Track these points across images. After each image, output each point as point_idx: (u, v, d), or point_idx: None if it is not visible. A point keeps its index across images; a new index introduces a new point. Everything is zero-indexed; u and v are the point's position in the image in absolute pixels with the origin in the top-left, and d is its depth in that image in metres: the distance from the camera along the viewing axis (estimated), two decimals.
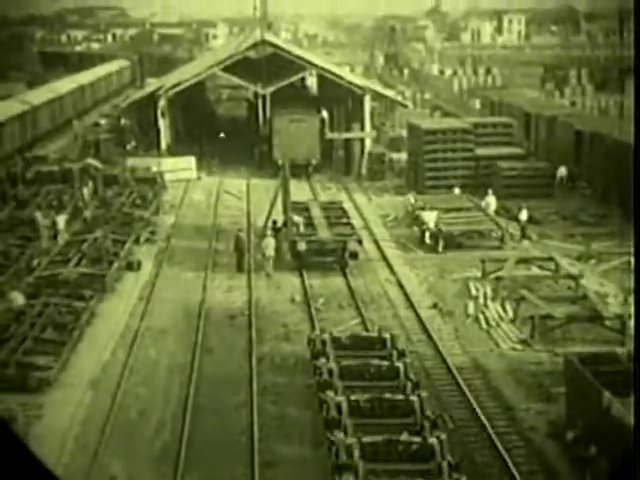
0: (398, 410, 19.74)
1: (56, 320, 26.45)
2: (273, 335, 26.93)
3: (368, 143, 53.42)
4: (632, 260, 29.81)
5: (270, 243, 33.66)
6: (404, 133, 55.38)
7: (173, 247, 37.31)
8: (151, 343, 26.51)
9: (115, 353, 25.71)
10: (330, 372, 21.44)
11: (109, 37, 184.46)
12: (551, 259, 31.77)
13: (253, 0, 73.70)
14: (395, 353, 22.37)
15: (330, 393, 20.19)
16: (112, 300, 30.15)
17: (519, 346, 25.56)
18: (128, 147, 58.15)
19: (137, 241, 36.54)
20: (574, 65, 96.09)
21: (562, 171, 45.04)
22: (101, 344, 26.30)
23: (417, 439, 18.32)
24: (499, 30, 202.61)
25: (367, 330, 26.63)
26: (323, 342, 23.28)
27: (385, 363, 21.84)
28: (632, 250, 26.65)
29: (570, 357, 20.31)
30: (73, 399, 22.90)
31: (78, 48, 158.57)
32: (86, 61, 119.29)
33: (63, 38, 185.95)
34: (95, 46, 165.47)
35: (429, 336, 26.41)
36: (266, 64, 59.34)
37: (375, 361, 21.96)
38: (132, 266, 33.56)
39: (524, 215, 37.46)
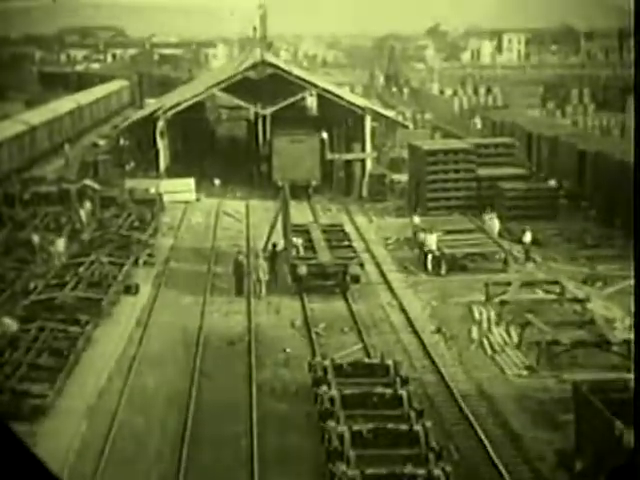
0: (402, 440, 19.18)
1: (52, 346, 25.89)
2: (273, 361, 26.35)
3: (369, 164, 53.01)
4: (632, 282, 29.28)
5: (261, 266, 33.22)
6: (405, 154, 54.97)
7: (171, 270, 36.76)
8: (148, 370, 25.92)
9: (111, 380, 25.12)
10: (332, 400, 20.88)
11: (109, 57, 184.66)
12: (556, 282, 31.23)
13: (253, 20, 73.59)
14: (398, 380, 21.81)
15: (332, 423, 19.63)
16: (109, 325, 29.59)
17: (525, 372, 24.99)
18: (127, 168, 57.69)
19: (135, 264, 35.99)
20: (575, 84, 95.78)
21: (552, 184, 44.95)
22: (97, 370, 25.72)
23: (422, 471, 17.77)
24: (499, 49, 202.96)
25: (369, 356, 26.09)
26: (324, 369, 22.74)
27: (388, 391, 21.27)
28: (632, 273, 26.08)
29: (579, 385, 19.75)
30: (68, 427, 22.31)
31: (78, 68, 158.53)
32: (85, 81, 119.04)
33: (63, 58, 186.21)
34: (95, 66, 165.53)
35: (433, 362, 25.85)
36: (266, 84, 59.03)
37: (378, 389, 21.39)
38: (130, 290, 33.04)
39: (528, 237, 36.96)
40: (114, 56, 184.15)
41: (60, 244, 37.04)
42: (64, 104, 78.99)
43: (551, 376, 24.44)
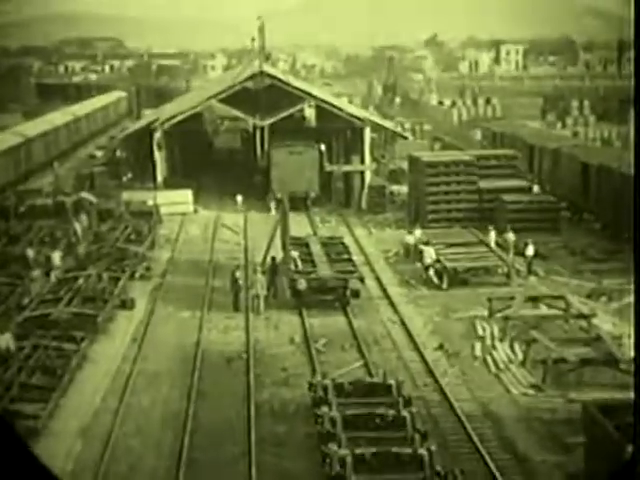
0: (406, 465, 18.53)
1: (45, 364, 25.21)
2: (272, 380, 25.65)
3: (368, 175, 52.38)
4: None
5: (259, 281, 32.57)
6: (404, 165, 54.41)
7: (168, 284, 36.10)
8: (144, 388, 25.23)
9: (106, 399, 24.43)
10: (333, 422, 20.22)
11: (107, 68, 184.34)
12: (561, 297, 30.56)
13: (251, 31, 73.09)
14: (401, 401, 21.15)
15: (333, 446, 18.98)
16: (104, 341, 28.92)
17: (531, 391, 24.30)
18: (124, 179, 57.06)
19: (131, 278, 35.32)
20: (573, 95, 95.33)
21: (535, 189, 44.98)
22: (92, 390, 25.04)
23: None
24: (497, 61, 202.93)
25: (370, 374, 25.44)
26: (325, 388, 22.09)
27: (391, 412, 20.59)
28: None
29: (588, 406, 19.10)
30: (62, 449, 21.65)
31: (76, 79, 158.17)
32: (83, 92, 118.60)
33: (61, 69, 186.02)
34: (93, 77, 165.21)
35: (435, 380, 25.16)
36: (264, 95, 58.50)
37: (380, 410, 20.71)
38: (126, 304, 32.40)
39: (530, 251, 36.34)
40: (112, 67, 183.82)
41: (56, 258, 36.44)
42: (61, 116, 78.40)
43: (558, 395, 23.76)
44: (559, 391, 23.99)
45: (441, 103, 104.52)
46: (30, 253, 36.33)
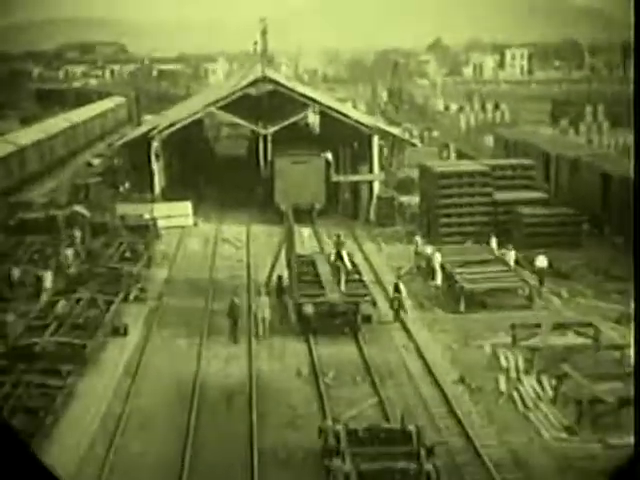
0: None
1: (27, 404, 22.79)
2: (277, 420, 23.17)
3: (376, 186, 49.94)
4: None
5: (264, 303, 30.13)
6: (413, 174, 52.03)
7: (165, 307, 33.59)
8: (136, 431, 22.74)
9: (94, 445, 21.93)
10: (347, 478, 17.85)
11: (107, 73, 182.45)
12: (590, 324, 28.06)
13: (253, 35, 71.06)
14: (423, 452, 18.72)
15: None
16: (93, 375, 26.40)
17: (564, 434, 21.85)
18: (121, 189, 54.68)
19: (125, 300, 32.83)
20: (582, 100, 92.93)
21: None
22: (78, 433, 22.55)
23: None
24: (502, 64, 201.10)
25: (386, 413, 23.08)
26: (337, 435, 19.68)
27: (413, 466, 18.21)
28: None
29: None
30: None
31: (76, 84, 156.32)
32: (82, 98, 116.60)
33: (61, 74, 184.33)
34: (93, 82, 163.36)
35: (458, 421, 22.69)
36: (267, 101, 56.32)
37: (400, 463, 18.32)
38: (118, 331, 29.95)
39: (542, 262, 34.60)
40: (112, 72, 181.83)
41: (47, 279, 34.17)
42: (58, 122, 76.15)
43: (596, 440, 21.32)
44: (597, 435, 21.55)
45: (447, 108, 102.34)
46: (16, 273, 33.92)
